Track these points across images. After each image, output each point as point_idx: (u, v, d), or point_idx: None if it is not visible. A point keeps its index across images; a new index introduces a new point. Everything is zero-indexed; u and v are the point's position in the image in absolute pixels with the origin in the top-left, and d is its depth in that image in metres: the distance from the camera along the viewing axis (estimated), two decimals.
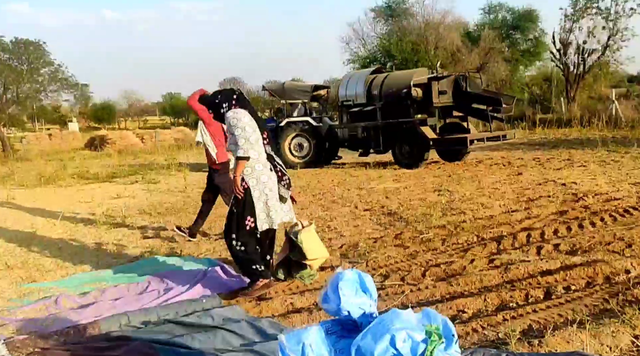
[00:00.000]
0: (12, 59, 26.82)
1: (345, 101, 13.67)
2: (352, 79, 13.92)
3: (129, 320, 3.91)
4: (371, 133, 13.12)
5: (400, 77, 13.30)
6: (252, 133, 4.19)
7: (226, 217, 4.40)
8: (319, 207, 8.16)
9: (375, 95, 13.08)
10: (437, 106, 12.46)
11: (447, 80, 12.46)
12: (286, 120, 14.29)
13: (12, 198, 10.12)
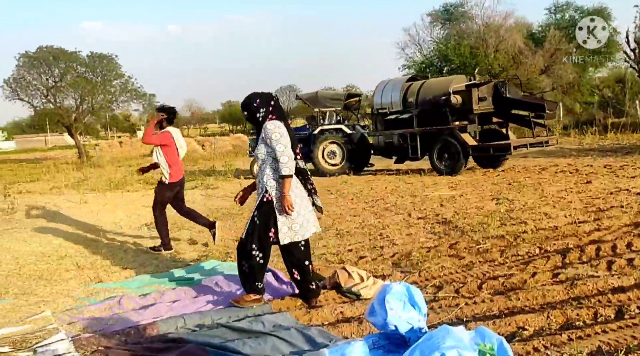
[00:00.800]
0: (87, 72, 28.42)
1: (381, 109, 13.79)
2: (388, 87, 13.97)
3: (185, 323, 4.05)
4: (408, 141, 13.11)
5: (437, 85, 13.33)
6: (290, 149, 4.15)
7: (247, 227, 4.27)
8: (371, 215, 8.12)
9: (411, 103, 13.18)
10: (477, 113, 12.35)
11: (487, 87, 12.42)
12: (319, 127, 14.49)
13: (84, 201, 10.68)
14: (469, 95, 12.21)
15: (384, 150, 14.18)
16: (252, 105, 4.24)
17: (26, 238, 7.55)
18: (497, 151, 12.32)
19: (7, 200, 10.01)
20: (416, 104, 13.06)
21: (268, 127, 4.14)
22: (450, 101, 12.22)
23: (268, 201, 4.18)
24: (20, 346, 3.78)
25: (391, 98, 13.64)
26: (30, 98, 28.02)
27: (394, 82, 14.29)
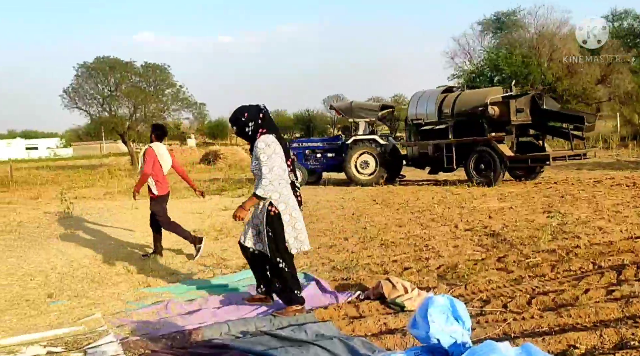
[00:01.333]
0: (141, 82, 29.46)
1: (415, 119, 13.85)
2: (423, 98, 13.99)
3: (229, 329, 4.09)
4: (443, 151, 13.11)
5: (473, 96, 13.38)
6: (281, 163, 4.13)
7: (267, 244, 4.20)
8: (417, 226, 8.01)
9: (446, 114, 13.22)
10: (514, 124, 12.36)
11: (524, 99, 12.43)
12: (353, 137, 14.58)
13: (135, 207, 11.01)
14: (506, 106, 12.22)
15: (418, 161, 14.24)
16: (240, 119, 4.20)
17: (80, 241, 7.86)
18: (534, 162, 12.39)
19: (63, 205, 10.44)
20: (452, 115, 13.13)
21: (258, 146, 4.10)
22: (487, 112, 12.25)
23: (276, 214, 4.16)
24: (72, 347, 3.91)
25: (426, 109, 13.70)
26: (87, 107, 29.27)
27: (429, 93, 14.29)
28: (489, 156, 12.25)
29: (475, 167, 12.55)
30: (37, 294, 5.47)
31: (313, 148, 15.75)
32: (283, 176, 4.16)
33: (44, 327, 4.41)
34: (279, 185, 4.13)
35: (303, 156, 15.66)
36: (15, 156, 50.42)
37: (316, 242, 7.27)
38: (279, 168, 4.09)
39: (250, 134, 4.19)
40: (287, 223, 4.18)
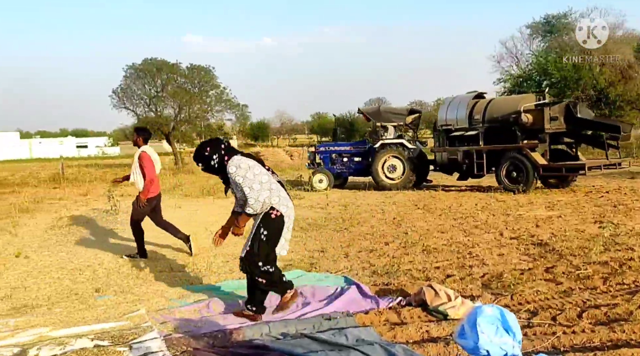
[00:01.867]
0: (186, 83, 30.07)
1: (445, 125, 13.84)
2: (453, 103, 13.96)
3: (270, 330, 4.10)
4: (474, 157, 13.07)
5: (505, 103, 13.37)
6: (260, 172, 4.14)
7: (250, 242, 4.22)
8: (460, 232, 7.85)
9: (477, 120, 13.22)
10: (548, 132, 12.24)
11: (559, 106, 12.33)
12: (381, 141, 14.63)
13: (178, 206, 11.24)
14: (540, 114, 12.15)
15: (447, 166, 14.16)
16: (204, 155, 4.23)
17: (126, 238, 8.05)
18: (569, 171, 12.32)
19: (110, 202, 10.73)
20: (483, 121, 13.11)
21: (229, 172, 4.12)
22: (520, 119, 12.19)
23: (278, 217, 4.17)
24: (118, 342, 4.00)
25: (457, 115, 13.65)
26: (135, 107, 30.07)
27: (460, 98, 14.22)
28: (521, 164, 12.21)
29: (507, 174, 12.51)
30: (85, 288, 5.64)
31: (340, 152, 15.80)
32: (271, 181, 4.19)
33: (91, 321, 4.53)
34: (273, 191, 4.16)
35: (330, 160, 15.75)
36: (66, 154, 52.28)
37: (357, 246, 7.23)
38: (260, 180, 4.10)
39: (217, 167, 4.23)
40: (286, 225, 4.24)
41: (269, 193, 4.14)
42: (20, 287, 5.75)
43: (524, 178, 12.16)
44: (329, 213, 10.38)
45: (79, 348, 3.87)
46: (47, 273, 6.31)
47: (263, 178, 4.15)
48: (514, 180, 12.38)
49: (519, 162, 12.25)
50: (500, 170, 12.60)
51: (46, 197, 14.70)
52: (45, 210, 11.55)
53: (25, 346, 3.97)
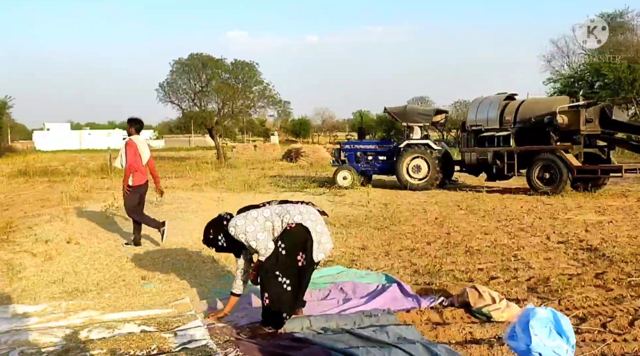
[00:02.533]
0: (231, 78, 30.49)
1: (474, 125, 13.75)
2: (483, 104, 13.88)
3: (311, 324, 4.12)
4: (504, 158, 13.01)
5: (539, 104, 13.28)
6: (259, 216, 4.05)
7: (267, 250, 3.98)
8: (504, 234, 7.68)
9: (508, 121, 13.16)
10: (583, 134, 12.20)
11: (594, 109, 12.29)
12: (406, 141, 14.64)
13: (221, 200, 11.43)
14: (576, 116, 12.08)
15: (475, 167, 14.10)
16: (210, 239, 4.25)
17: (170, 229, 8.22)
18: (604, 173, 12.15)
19: (156, 194, 11.00)
20: (514, 122, 13.06)
21: (238, 238, 4.03)
22: (556, 120, 12.10)
23: (294, 226, 4.01)
24: (163, 328, 4.11)
25: (487, 116, 13.55)
26: (180, 101, 30.69)
27: (491, 99, 14.07)
28: (554, 165, 12.14)
29: (540, 175, 12.42)
30: (132, 275, 5.81)
31: (365, 150, 15.86)
32: (285, 209, 4.10)
33: (138, 307, 4.67)
34: (290, 213, 4.06)
35: (354, 158, 15.83)
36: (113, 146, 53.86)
37: (398, 245, 7.18)
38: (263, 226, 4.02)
39: (227, 245, 4.21)
40: (313, 230, 4.04)
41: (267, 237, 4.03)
42: (72, 272, 5.97)
43: (557, 180, 12.09)
44: (370, 211, 10.33)
45: (126, 332, 4.00)
46: (97, 259, 6.53)
47: (265, 213, 4.08)
48: (546, 182, 12.32)
49: (552, 163, 12.18)
50: (532, 171, 12.49)
51: (95, 187, 15.21)
52: (94, 199, 11.94)
53: (76, 328, 4.13)
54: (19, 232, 8.24)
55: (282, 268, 3.97)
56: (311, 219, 4.09)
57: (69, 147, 63.46)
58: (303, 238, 3.99)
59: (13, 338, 3.93)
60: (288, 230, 4.01)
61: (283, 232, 4.02)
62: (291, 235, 4.00)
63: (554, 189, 12.05)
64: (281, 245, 4.00)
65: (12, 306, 4.75)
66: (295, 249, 3.98)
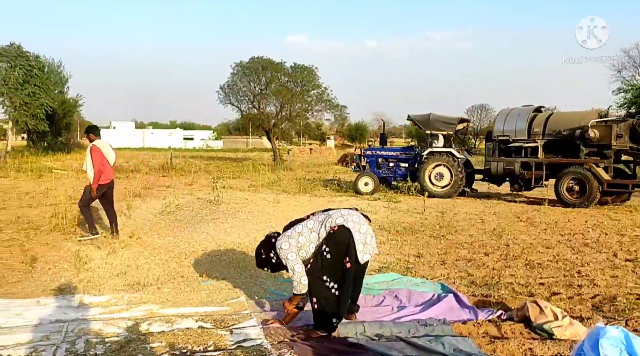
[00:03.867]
0: (289, 82, 30.87)
1: (502, 136, 13.87)
2: (511, 115, 14.01)
3: (365, 330, 4.11)
4: (532, 169, 13.11)
5: (568, 117, 13.47)
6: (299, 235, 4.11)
7: (312, 259, 4.04)
8: (567, 249, 7.38)
9: (536, 132, 13.28)
10: (615, 149, 12.32)
11: (625, 124, 12.48)
12: (429, 149, 14.79)
13: (277, 201, 11.57)
14: (608, 130, 12.24)
15: (500, 177, 14.14)
16: (263, 258, 4.32)
17: (227, 229, 8.42)
18: (635, 188, 12.31)
19: (214, 193, 11.28)
20: (543, 134, 13.17)
21: (281, 255, 4.12)
22: (587, 134, 12.24)
23: (337, 229, 4.00)
24: (220, 325, 4.20)
25: (515, 127, 13.67)
26: (239, 103, 31.33)
27: (519, 110, 14.18)
28: (584, 178, 12.21)
29: (569, 188, 12.52)
30: (190, 272, 5.98)
31: (386, 157, 15.91)
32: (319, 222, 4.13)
33: (195, 303, 4.80)
34: (332, 216, 4.10)
35: (375, 164, 15.89)
36: (174, 145, 55.71)
37: (454, 254, 7.04)
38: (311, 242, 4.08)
39: (278, 261, 4.24)
40: (353, 230, 4.01)
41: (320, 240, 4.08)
42: (133, 266, 6.21)
43: (588, 193, 12.16)
44: (426, 218, 10.18)
45: (184, 327, 4.11)
46: (157, 254, 6.76)
47: (309, 224, 4.15)
48: (577, 195, 12.40)
49: (582, 176, 12.27)
50: (560, 183, 12.59)
51: (156, 184, 15.77)
52: (155, 196, 12.36)
53: (137, 320, 4.29)
54: (86, 225, 8.65)
55: (328, 272, 3.98)
56: (354, 220, 4.08)
57: (133, 145, 66.06)
58: (346, 240, 3.99)
59: (79, 327, 4.12)
60: (331, 233, 4.02)
61: (327, 236, 4.04)
62: (335, 238, 4.01)
63: (584, 202, 12.11)
64: (325, 249, 4.01)
65: (78, 296, 4.99)
66: (340, 252, 3.98)
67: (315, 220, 4.18)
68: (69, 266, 6.15)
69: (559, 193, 12.59)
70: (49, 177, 17.32)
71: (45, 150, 33.24)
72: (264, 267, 4.40)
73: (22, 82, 30.36)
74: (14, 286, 5.43)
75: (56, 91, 34.80)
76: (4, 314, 4.41)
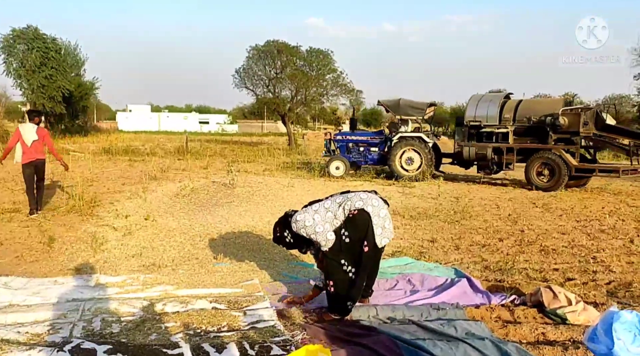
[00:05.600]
0: (305, 66, 30.71)
1: (473, 121, 14.22)
2: (483, 101, 14.40)
3: (377, 313, 4.13)
4: (504, 154, 13.66)
5: (537, 104, 14.20)
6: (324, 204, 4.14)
7: (327, 242, 3.99)
8: (583, 235, 7.30)
9: (507, 118, 13.81)
10: (582, 135, 12.89)
11: (590, 112, 13.11)
12: (400, 134, 15.05)
13: (291, 185, 11.60)
14: (577, 118, 12.83)
15: (470, 161, 14.54)
16: (277, 236, 4.35)
17: (242, 212, 8.47)
18: (602, 172, 12.96)
19: (229, 177, 11.34)
20: (513, 120, 13.71)
21: (294, 229, 4.13)
22: (558, 121, 12.82)
23: (357, 213, 4.00)
24: (233, 307, 4.24)
25: (487, 112, 14.11)
26: (254, 87, 31.28)
27: (490, 96, 14.77)
28: (553, 163, 12.79)
29: (539, 172, 13.07)
30: (204, 254, 6.04)
31: (356, 141, 16.11)
32: (337, 203, 4.12)
33: (210, 284, 4.85)
34: (352, 198, 4.08)
35: (346, 148, 16.11)
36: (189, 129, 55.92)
37: (468, 239, 7.02)
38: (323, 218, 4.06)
39: (293, 241, 4.28)
40: (375, 215, 4.02)
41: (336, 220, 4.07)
42: (149, 247, 6.29)
43: (556, 177, 12.72)
44: (440, 204, 10.14)
45: (199, 308, 4.16)
46: (172, 236, 6.84)
47: (326, 204, 4.14)
48: (547, 179, 12.93)
49: (551, 161, 12.84)
50: (530, 167, 13.15)
51: (171, 167, 15.89)
52: (171, 179, 12.48)
53: (152, 300, 4.35)
54: (102, 206, 8.77)
55: (346, 255, 3.99)
56: (373, 204, 4.07)
57: (149, 128, 66.47)
58: (365, 223, 3.99)
59: (96, 306, 4.20)
60: (350, 217, 4.02)
61: (346, 219, 4.04)
62: (354, 222, 4.00)
63: (553, 185, 12.69)
64: (344, 232, 4.01)
65: (95, 276, 5.08)
66: (358, 236, 3.98)
67: (332, 200, 4.19)
68: (85, 247, 6.26)
69: (529, 177, 13.17)
70: (66, 159, 17.52)
71: (63, 132, 33.56)
72: (279, 243, 4.45)
73: (39, 64, 30.64)
74: (32, 265, 5.54)
75: (73, 74, 35.03)
76: (23, 292, 4.50)
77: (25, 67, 30.58)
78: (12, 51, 30.82)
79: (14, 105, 43.03)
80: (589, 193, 12.32)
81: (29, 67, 30.52)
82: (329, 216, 4.09)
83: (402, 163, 14.82)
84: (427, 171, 14.58)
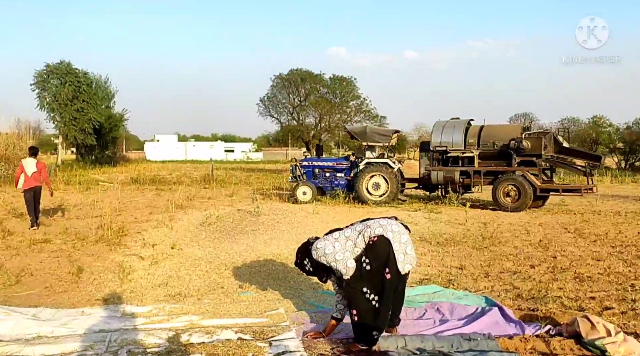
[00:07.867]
0: (328, 93, 31.05)
1: (439, 146, 14.95)
2: (447, 127, 15.14)
3: (406, 343, 4.01)
4: (471, 177, 14.47)
5: (499, 129, 15.04)
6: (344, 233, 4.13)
7: (347, 270, 3.94)
8: (619, 261, 7.05)
9: (471, 143, 14.59)
10: (544, 157, 13.83)
11: (548, 136, 14.34)
12: (366, 160, 15.42)
13: (316, 212, 11.56)
14: (539, 141, 13.79)
15: (437, 185, 15.21)
16: (298, 263, 4.38)
17: (267, 240, 8.44)
18: (566, 192, 14.10)
19: (254, 204, 11.36)
20: (477, 145, 14.48)
21: (314, 257, 4.13)
22: (521, 145, 13.70)
23: (376, 240, 3.95)
24: (259, 337, 4.18)
25: (452, 138, 14.82)
26: (279, 115, 31.73)
27: (453, 123, 15.29)
28: (519, 184, 13.52)
29: (506, 194, 13.72)
30: (229, 283, 6.00)
31: (322, 167, 16.27)
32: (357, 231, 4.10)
33: (235, 314, 4.80)
34: (371, 226, 4.05)
35: (312, 174, 16.26)
36: (215, 157, 56.64)
37: (498, 266, 6.84)
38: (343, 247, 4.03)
39: (313, 270, 4.29)
40: (392, 240, 3.95)
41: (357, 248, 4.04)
42: (175, 276, 6.29)
43: (522, 198, 13.41)
44: (468, 229, 9.95)
45: (224, 338, 4.11)
46: (197, 265, 6.83)
47: (346, 233, 4.13)
48: (514, 200, 13.53)
49: (517, 183, 13.58)
50: (497, 188, 13.83)
51: (197, 195, 16.03)
52: (197, 208, 12.56)
53: (178, 331, 4.32)
54: (130, 236, 8.86)
55: (368, 283, 3.92)
56: (393, 230, 4.02)
57: (176, 157, 67.55)
58: (386, 250, 3.93)
59: (122, 337, 4.18)
60: (371, 244, 3.97)
61: (366, 247, 3.99)
62: (374, 249, 3.95)
63: (519, 205, 13.35)
64: (365, 260, 3.96)
65: (122, 306, 5.08)
66: (379, 263, 3.92)
67: (353, 229, 4.16)
68: (113, 276, 6.29)
69: (497, 198, 13.80)
70: (96, 189, 17.87)
71: (93, 163, 34.38)
72: (300, 269, 4.45)
73: (71, 98, 31.62)
74: (61, 296, 5.58)
75: (103, 106, 36.07)
76: (51, 323, 4.52)
77: (57, 101, 31.57)
78: (46, 86, 31.91)
79: (47, 137, 44.37)
80: (623, 217, 11.95)
81: (62, 101, 31.50)
82: (349, 244, 4.04)
83: (369, 189, 15.09)
84: (392, 195, 14.89)
